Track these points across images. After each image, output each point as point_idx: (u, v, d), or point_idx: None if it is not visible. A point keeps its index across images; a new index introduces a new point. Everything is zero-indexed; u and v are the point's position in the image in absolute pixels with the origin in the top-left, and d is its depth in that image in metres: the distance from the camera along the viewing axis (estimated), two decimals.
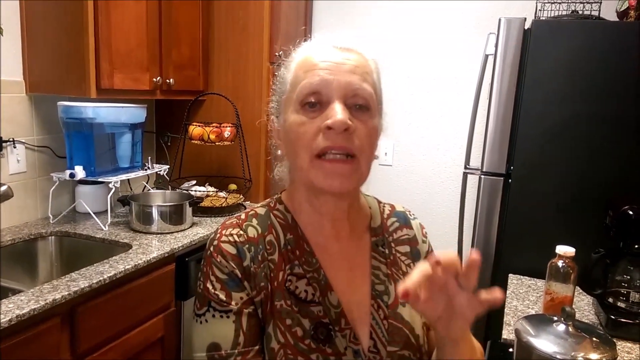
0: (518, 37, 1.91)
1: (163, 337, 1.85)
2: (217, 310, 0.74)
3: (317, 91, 0.73)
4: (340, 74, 0.73)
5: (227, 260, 0.75)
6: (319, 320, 0.75)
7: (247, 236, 0.77)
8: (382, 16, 2.79)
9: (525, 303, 1.61)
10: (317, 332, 0.75)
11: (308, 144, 0.72)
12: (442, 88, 2.73)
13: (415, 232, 0.90)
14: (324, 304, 0.76)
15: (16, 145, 1.95)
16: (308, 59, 0.76)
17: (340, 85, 0.72)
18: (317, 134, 0.71)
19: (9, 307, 1.30)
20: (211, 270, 0.75)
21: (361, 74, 0.74)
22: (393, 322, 0.79)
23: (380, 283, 0.81)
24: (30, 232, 1.92)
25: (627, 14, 1.94)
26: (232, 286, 0.74)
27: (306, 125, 0.73)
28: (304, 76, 0.74)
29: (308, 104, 0.73)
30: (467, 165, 2.27)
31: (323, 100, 0.73)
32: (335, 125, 0.70)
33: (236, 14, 2.48)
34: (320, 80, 0.72)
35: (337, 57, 0.74)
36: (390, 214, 0.90)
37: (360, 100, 0.73)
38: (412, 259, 0.87)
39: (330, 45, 0.77)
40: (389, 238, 0.87)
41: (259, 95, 2.49)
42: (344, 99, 0.72)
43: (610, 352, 0.95)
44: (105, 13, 1.89)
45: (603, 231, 1.60)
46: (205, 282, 0.76)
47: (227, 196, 2.41)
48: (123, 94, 2.05)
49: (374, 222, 0.87)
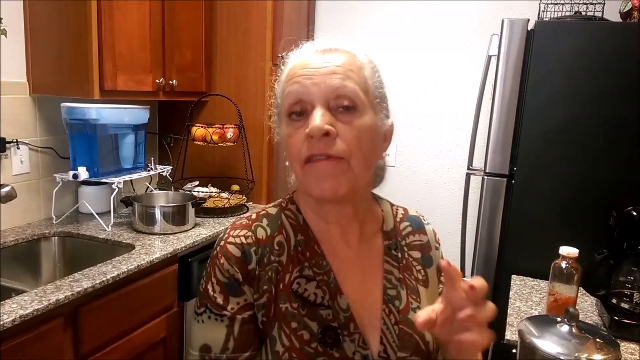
0: (521, 38, 1.91)
1: (165, 337, 1.85)
2: (213, 313, 0.74)
3: (299, 100, 0.72)
4: (319, 78, 0.71)
5: (231, 263, 0.75)
6: (328, 324, 0.74)
7: (255, 237, 0.77)
8: (384, 17, 2.80)
9: (529, 304, 1.61)
10: (325, 336, 0.74)
11: (296, 154, 0.72)
12: (444, 89, 2.73)
13: (429, 238, 0.89)
14: (333, 307, 0.75)
15: (20, 146, 1.96)
16: (292, 69, 0.76)
17: (320, 90, 0.71)
18: (303, 143, 0.71)
19: (13, 307, 1.30)
20: (214, 271, 0.75)
21: (343, 72, 0.72)
22: (404, 328, 0.78)
23: (393, 288, 0.80)
24: (34, 232, 1.92)
25: (630, 14, 1.94)
26: (230, 290, 0.74)
27: (293, 137, 0.73)
28: (287, 87, 0.74)
29: (294, 114, 0.73)
30: (470, 166, 2.27)
31: (307, 109, 0.72)
32: (312, 133, 0.69)
33: (238, 15, 2.49)
34: (299, 87, 0.72)
35: (317, 62, 0.73)
36: (404, 217, 0.89)
37: (345, 100, 0.71)
38: (422, 266, 0.85)
39: (311, 51, 0.76)
40: (402, 242, 0.85)
41: (261, 96, 2.50)
42: (326, 103, 0.71)
43: (614, 353, 0.94)
44: (109, 15, 1.90)
45: (607, 232, 1.59)
46: (206, 283, 0.76)
47: (230, 197, 2.41)
48: (126, 95, 2.05)
49: (386, 225, 0.86)
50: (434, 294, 0.85)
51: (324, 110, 0.70)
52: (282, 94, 0.76)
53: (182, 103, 2.50)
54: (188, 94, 2.44)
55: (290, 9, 2.62)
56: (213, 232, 2.08)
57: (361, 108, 0.72)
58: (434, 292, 0.85)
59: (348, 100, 0.71)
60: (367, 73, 0.75)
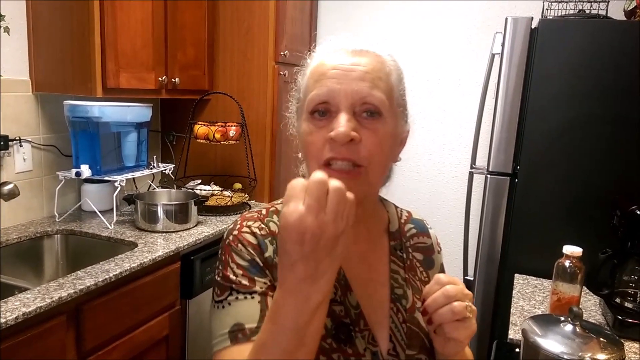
0: (525, 37, 1.90)
1: (168, 335, 1.86)
2: (241, 292, 0.70)
3: (324, 101, 0.72)
4: (348, 82, 0.71)
5: (248, 248, 0.73)
6: (341, 320, 0.75)
7: (269, 230, 0.76)
8: (387, 16, 2.79)
9: (532, 303, 1.60)
10: (339, 332, 0.74)
11: (316, 153, 0.72)
12: (448, 87, 2.72)
13: (432, 241, 0.91)
14: (344, 303, 0.76)
15: (22, 144, 1.96)
16: (319, 65, 0.75)
17: (348, 95, 0.71)
18: (324, 144, 0.71)
19: (15, 305, 1.30)
20: (231, 258, 0.73)
21: (371, 79, 0.71)
22: (411, 326, 0.79)
23: (399, 287, 0.81)
24: (36, 230, 1.93)
25: (634, 13, 1.93)
26: (254, 272, 0.72)
27: (314, 135, 0.72)
28: (314, 86, 0.73)
29: (317, 113, 0.72)
30: (473, 164, 2.27)
31: (332, 110, 0.72)
32: (337, 138, 0.69)
33: (241, 14, 2.48)
34: (328, 90, 0.71)
35: (347, 63, 0.72)
36: (408, 219, 0.91)
37: (370, 107, 0.71)
38: (424, 267, 0.87)
39: (342, 49, 0.75)
40: (407, 243, 0.87)
41: (263, 95, 2.50)
42: (352, 108, 0.71)
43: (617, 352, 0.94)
44: (112, 13, 1.90)
45: (610, 231, 1.59)
46: (224, 270, 0.73)
47: (232, 195, 2.41)
48: (129, 93, 2.05)
49: (392, 226, 0.87)
50: None
51: (349, 116, 0.70)
52: (306, 89, 0.75)
53: (185, 101, 2.50)
54: (191, 92, 2.43)
55: (293, 8, 2.61)
56: (215, 230, 2.08)
57: (385, 115, 0.72)
58: None
59: (374, 107, 0.71)
60: (393, 80, 0.76)
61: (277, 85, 2.47)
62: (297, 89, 0.80)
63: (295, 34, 2.63)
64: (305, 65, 0.79)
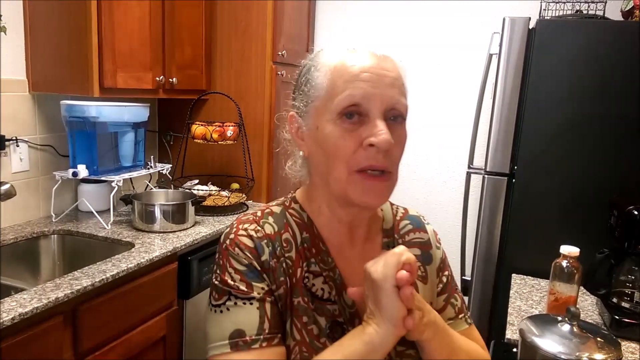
0: (522, 37, 1.90)
1: (165, 336, 1.85)
2: (239, 297, 0.72)
3: (358, 103, 0.71)
4: (382, 88, 0.72)
5: (245, 252, 0.74)
6: (335, 320, 0.76)
7: (264, 232, 0.77)
8: (385, 16, 2.79)
9: (529, 303, 1.60)
10: (333, 332, 0.75)
11: (348, 158, 0.71)
12: (445, 87, 2.73)
13: (429, 236, 0.91)
14: (339, 302, 0.77)
15: (19, 143, 1.95)
16: (345, 66, 0.73)
17: (383, 100, 0.71)
18: (357, 149, 0.71)
19: (12, 306, 1.30)
20: (228, 262, 0.74)
21: (399, 87, 0.74)
22: None
23: None
24: (33, 230, 1.92)
25: (632, 13, 1.93)
26: (251, 277, 0.73)
27: (346, 139, 0.71)
28: (344, 86, 0.72)
29: (346, 115, 0.72)
30: (470, 165, 2.27)
31: (362, 112, 0.71)
32: (380, 145, 0.69)
33: (239, 14, 2.48)
34: (364, 93, 0.71)
35: (377, 67, 0.73)
36: (403, 216, 0.91)
37: (398, 113, 0.74)
38: (422, 262, 0.87)
39: (367, 51, 0.75)
40: (400, 240, 0.87)
41: (261, 94, 2.49)
42: (384, 114, 0.72)
43: (615, 352, 0.94)
44: (109, 13, 1.89)
45: (607, 231, 1.59)
46: (222, 275, 0.74)
47: (230, 195, 2.41)
48: (126, 93, 2.05)
49: (386, 223, 0.88)
50: (433, 290, 0.88)
51: (385, 122, 0.71)
52: (332, 89, 0.73)
53: (182, 101, 2.49)
54: (188, 92, 2.43)
55: (291, 7, 2.61)
56: (213, 230, 2.07)
57: (405, 120, 0.76)
58: (433, 288, 0.88)
59: (399, 113, 0.74)
60: (406, 86, 0.78)
61: (274, 85, 2.47)
62: (312, 86, 0.76)
63: (293, 33, 2.63)
64: (322, 62, 0.76)
